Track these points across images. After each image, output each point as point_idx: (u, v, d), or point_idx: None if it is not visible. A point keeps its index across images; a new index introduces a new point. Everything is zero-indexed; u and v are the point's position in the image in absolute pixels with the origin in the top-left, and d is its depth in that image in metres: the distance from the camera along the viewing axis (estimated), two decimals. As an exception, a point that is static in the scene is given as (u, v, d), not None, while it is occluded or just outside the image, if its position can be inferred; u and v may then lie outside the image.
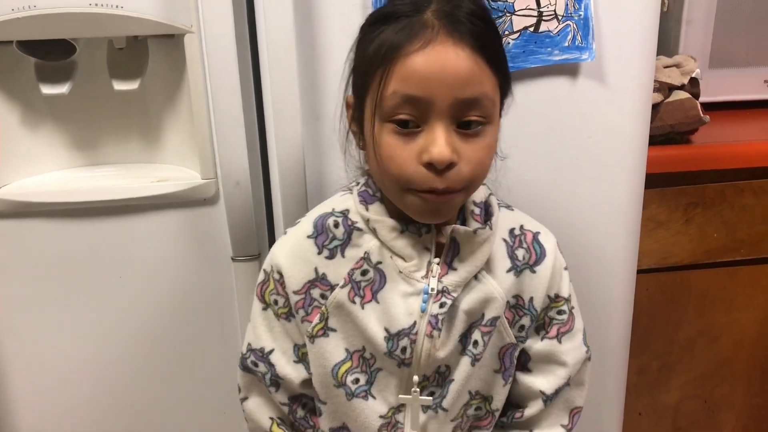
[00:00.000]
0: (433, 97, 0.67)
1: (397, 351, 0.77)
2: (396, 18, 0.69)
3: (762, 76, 1.46)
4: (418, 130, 0.69)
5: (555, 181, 1.03)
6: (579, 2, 0.94)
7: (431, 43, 0.67)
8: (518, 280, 0.81)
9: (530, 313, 0.83)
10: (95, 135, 1.04)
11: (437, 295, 0.76)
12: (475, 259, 0.78)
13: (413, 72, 0.67)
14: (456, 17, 0.68)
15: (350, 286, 0.77)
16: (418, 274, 0.77)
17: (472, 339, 0.79)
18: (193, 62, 0.93)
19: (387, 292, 0.77)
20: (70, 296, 1.04)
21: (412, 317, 0.76)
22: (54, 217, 1.00)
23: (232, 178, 0.96)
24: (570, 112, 1.00)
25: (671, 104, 1.25)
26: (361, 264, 0.77)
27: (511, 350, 0.83)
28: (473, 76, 0.68)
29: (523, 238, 0.83)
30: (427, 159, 0.68)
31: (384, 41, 0.69)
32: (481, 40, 0.69)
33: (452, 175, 0.69)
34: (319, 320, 0.79)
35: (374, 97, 0.70)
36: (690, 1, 1.39)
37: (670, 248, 1.31)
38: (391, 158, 0.70)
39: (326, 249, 0.78)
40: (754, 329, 1.40)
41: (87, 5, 0.89)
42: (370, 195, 0.79)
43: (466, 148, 0.69)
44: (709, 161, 1.27)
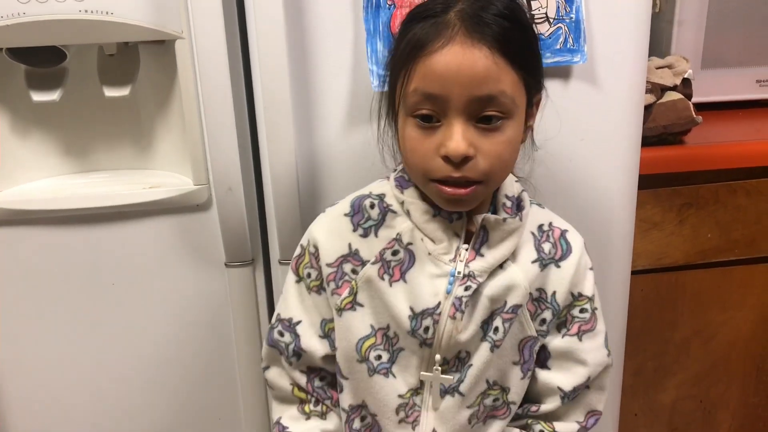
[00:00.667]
0: (450, 94, 0.71)
1: (420, 330, 0.80)
2: (425, 17, 0.73)
3: (754, 76, 1.46)
4: (438, 125, 0.73)
5: (547, 183, 1.03)
6: (570, 5, 0.94)
7: (450, 43, 0.71)
8: (543, 273, 0.84)
9: (552, 307, 0.85)
10: (87, 142, 1.04)
11: (463, 279, 0.79)
12: (502, 247, 0.81)
13: (432, 71, 0.71)
14: (480, 17, 0.71)
15: (380, 263, 0.81)
16: (446, 257, 0.80)
17: (493, 325, 0.81)
18: (184, 68, 0.93)
19: (415, 272, 0.80)
20: (63, 302, 1.04)
21: (437, 298, 0.79)
22: (46, 225, 1.00)
23: (225, 184, 0.97)
24: (562, 115, 0.99)
25: (664, 105, 1.25)
26: (393, 244, 0.81)
27: (531, 343, 0.84)
28: (489, 74, 0.71)
29: (551, 233, 0.86)
30: (444, 152, 0.72)
31: (411, 39, 0.74)
32: (502, 40, 0.71)
33: (469, 167, 0.73)
34: (349, 294, 0.82)
35: (400, 93, 0.75)
36: (682, 2, 1.39)
37: (664, 249, 1.31)
38: (414, 150, 0.75)
39: (361, 227, 0.83)
40: (749, 329, 1.40)
41: (77, 12, 0.88)
42: (406, 180, 0.83)
43: (484, 142, 0.73)
44: (703, 162, 1.27)
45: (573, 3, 0.94)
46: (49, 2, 0.88)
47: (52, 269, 1.02)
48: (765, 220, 1.31)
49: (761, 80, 1.46)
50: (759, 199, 1.30)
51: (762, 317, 1.39)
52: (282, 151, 0.93)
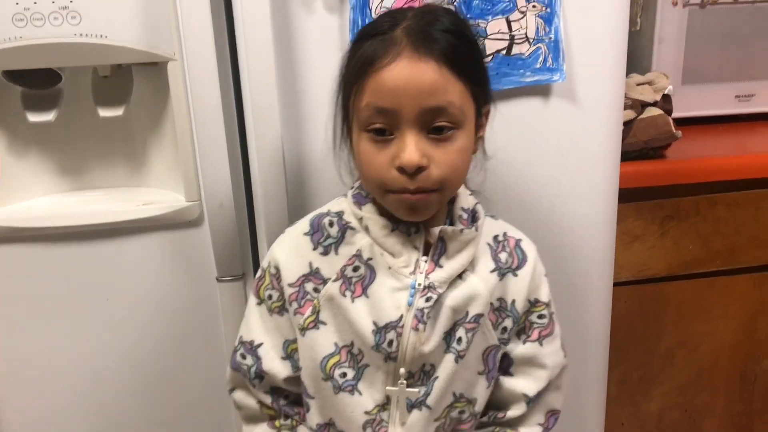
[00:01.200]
0: (401, 107, 0.73)
1: (384, 344, 0.80)
2: (373, 35, 0.76)
3: (733, 92, 1.49)
4: (392, 138, 0.75)
5: (530, 198, 1.06)
6: (549, 25, 0.98)
7: (398, 58, 0.73)
8: (502, 282, 0.86)
9: (512, 315, 0.86)
10: (81, 160, 1.06)
11: (423, 290, 0.80)
12: (460, 258, 0.82)
13: (381, 86, 0.74)
14: (426, 33, 0.74)
15: (342, 280, 0.82)
16: (406, 270, 0.81)
17: (456, 336, 0.82)
18: (177, 89, 0.96)
19: (376, 286, 0.81)
20: (57, 319, 1.05)
21: (399, 311, 0.80)
22: (42, 242, 1.01)
23: (216, 200, 0.99)
24: (543, 131, 1.03)
25: (644, 121, 1.28)
26: (354, 261, 0.82)
27: (494, 352, 0.86)
28: (437, 86, 0.73)
29: (506, 243, 0.88)
30: (398, 164, 0.74)
31: (360, 56, 0.76)
32: (449, 54, 0.74)
33: (423, 177, 0.75)
34: (311, 313, 0.82)
35: (353, 108, 0.78)
36: (662, 20, 1.43)
37: (647, 261, 1.34)
38: (369, 163, 0.77)
39: (321, 246, 0.84)
40: (732, 338, 1.42)
41: (72, 35, 0.91)
42: (363, 197, 0.84)
43: (436, 152, 0.75)
44: (683, 176, 1.30)
45: (552, 24, 0.98)
46: (45, 26, 0.90)
47: (47, 285, 1.04)
48: (744, 231, 1.35)
49: (740, 95, 1.50)
50: (738, 212, 1.33)
51: (744, 326, 1.42)
52: (271, 167, 0.96)
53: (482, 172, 0.89)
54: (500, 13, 0.96)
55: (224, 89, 0.95)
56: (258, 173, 0.97)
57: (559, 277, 1.10)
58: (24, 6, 0.89)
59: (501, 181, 1.04)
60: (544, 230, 1.08)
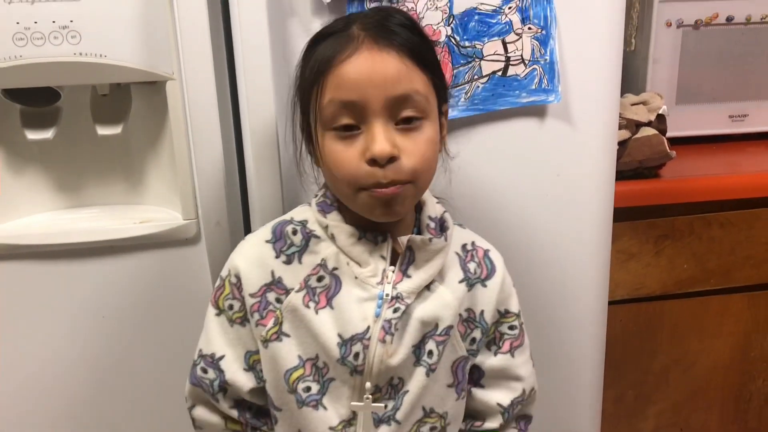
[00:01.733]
0: (367, 98, 0.72)
1: (350, 357, 0.78)
2: (327, 36, 0.77)
3: (726, 112, 1.51)
4: (359, 132, 0.74)
5: (525, 217, 1.06)
6: (545, 47, 0.99)
7: (358, 51, 0.73)
8: (471, 293, 0.85)
9: (481, 326, 0.86)
10: (79, 178, 1.06)
11: (391, 301, 0.79)
12: (429, 268, 0.81)
13: (344, 79, 0.73)
14: (384, 27, 0.75)
15: (305, 291, 0.80)
16: (373, 279, 0.79)
17: (426, 349, 0.81)
18: (175, 107, 0.96)
19: (342, 297, 0.79)
20: (53, 336, 1.05)
21: (366, 322, 0.78)
22: (38, 259, 1.01)
23: (213, 219, 0.99)
24: (538, 151, 1.04)
25: (639, 140, 1.29)
26: (318, 270, 0.80)
27: (463, 363, 0.85)
28: (401, 75, 0.73)
29: (474, 253, 0.87)
30: (370, 156, 0.73)
31: (317, 57, 0.76)
32: (408, 45, 0.75)
33: (395, 168, 0.74)
34: (273, 324, 0.80)
35: (315, 109, 0.76)
36: (656, 41, 1.44)
37: (642, 279, 1.35)
38: (338, 162, 0.75)
39: (284, 254, 0.81)
40: (727, 357, 1.43)
41: (72, 54, 0.92)
42: (328, 204, 0.82)
43: (406, 143, 0.74)
44: (677, 195, 1.31)
45: (547, 45, 0.99)
46: (45, 45, 0.91)
47: (43, 302, 1.03)
48: (739, 251, 1.36)
49: (734, 115, 1.51)
50: (732, 231, 1.34)
51: (738, 346, 1.42)
52: (268, 186, 0.96)
53: (446, 174, 0.87)
54: (496, 35, 0.98)
55: (222, 108, 0.96)
56: (255, 192, 0.97)
57: (554, 295, 1.11)
58: (25, 25, 0.90)
59: (496, 199, 1.05)
60: (539, 248, 1.09)
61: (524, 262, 1.08)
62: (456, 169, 0.98)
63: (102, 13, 0.91)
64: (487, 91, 0.99)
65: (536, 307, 1.10)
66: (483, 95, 0.99)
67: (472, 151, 1.02)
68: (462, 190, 1.02)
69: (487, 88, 0.99)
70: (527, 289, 1.08)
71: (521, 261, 1.08)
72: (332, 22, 0.78)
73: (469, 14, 0.96)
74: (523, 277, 1.08)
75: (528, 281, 1.09)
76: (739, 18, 1.44)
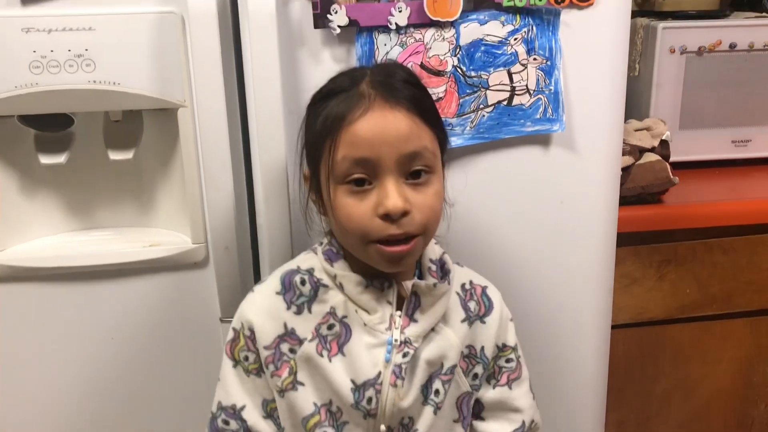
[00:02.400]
0: (380, 155, 0.75)
1: (363, 402, 0.80)
2: (336, 93, 0.78)
3: (729, 137, 1.52)
4: (371, 187, 0.76)
5: (529, 243, 1.08)
6: (549, 78, 1.01)
7: (370, 110, 0.75)
8: (471, 330, 0.87)
9: (482, 362, 0.88)
10: (91, 201, 1.08)
11: (400, 346, 0.81)
12: (434, 312, 0.84)
13: (358, 137, 0.75)
14: (390, 84, 0.77)
15: (318, 339, 0.81)
16: (381, 326, 0.82)
17: (433, 388, 0.84)
18: (186, 134, 0.98)
19: (353, 344, 0.81)
20: (64, 358, 1.06)
21: (377, 368, 0.81)
22: (49, 281, 1.03)
23: (222, 243, 1.00)
24: (543, 179, 1.05)
25: (642, 166, 1.31)
26: (328, 318, 0.82)
27: (467, 398, 0.88)
28: (412, 133, 0.76)
29: (473, 291, 0.90)
30: (383, 211, 0.75)
31: (328, 114, 0.77)
32: (416, 102, 0.77)
33: (407, 222, 0.76)
34: (288, 374, 0.82)
35: (327, 165, 0.78)
36: (659, 66, 1.46)
37: (645, 304, 1.36)
38: (350, 216, 0.77)
39: (294, 305, 0.83)
40: (729, 382, 1.43)
41: (86, 82, 0.94)
42: (335, 253, 0.84)
43: (416, 197, 0.77)
44: (680, 220, 1.32)
45: (552, 76, 1.00)
46: (60, 73, 0.93)
47: (53, 324, 1.05)
48: (741, 276, 1.36)
49: (736, 140, 1.52)
50: (735, 257, 1.35)
51: (741, 370, 1.43)
52: (276, 210, 0.98)
53: (444, 220, 0.88)
54: (502, 66, 0.99)
55: (233, 135, 0.98)
56: (263, 217, 0.99)
57: (558, 319, 1.12)
58: (41, 54, 0.92)
59: (501, 225, 1.06)
60: (543, 274, 1.10)
61: (528, 288, 1.10)
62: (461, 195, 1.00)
63: (116, 42, 0.93)
64: (492, 120, 1.01)
65: (539, 332, 1.11)
66: (488, 124, 1.01)
67: (478, 179, 1.04)
68: (467, 217, 1.04)
69: (493, 117, 1.01)
70: (531, 315, 1.10)
71: (525, 287, 1.10)
72: (337, 78, 0.81)
73: (475, 45, 0.98)
74: (527, 302, 1.10)
75: (532, 307, 1.11)
76: (742, 45, 1.45)
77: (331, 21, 0.94)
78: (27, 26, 0.91)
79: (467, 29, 0.97)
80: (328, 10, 0.93)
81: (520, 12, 0.98)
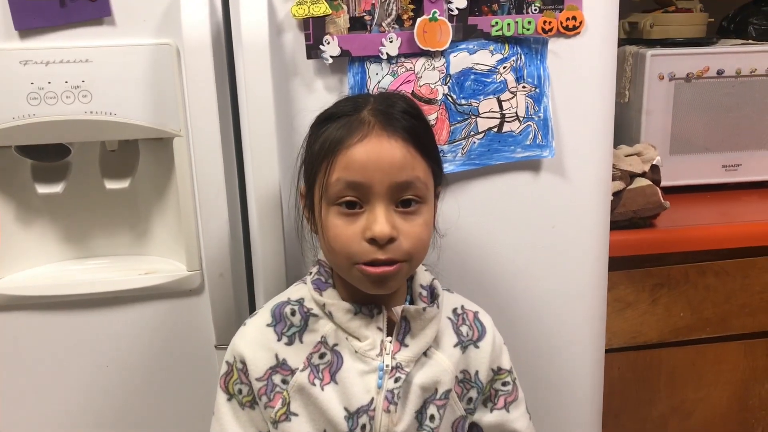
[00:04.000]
0: (372, 181, 0.77)
1: (357, 429, 0.81)
2: (338, 117, 0.81)
3: (720, 162, 1.54)
4: (361, 211, 0.78)
5: (521, 268, 1.09)
6: (538, 105, 1.02)
7: (368, 137, 0.78)
8: (464, 355, 0.88)
9: (477, 386, 0.89)
10: (87, 229, 1.09)
11: (392, 371, 0.82)
12: (425, 336, 0.84)
13: (353, 161, 0.77)
14: (390, 114, 0.79)
15: (309, 369, 0.82)
16: (372, 352, 0.82)
17: (428, 414, 0.84)
18: (181, 163, 0.99)
19: (344, 372, 0.82)
20: (59, 385, 1.06)
21: (369, 394, 0.81)
22: (44, 310, 1.03)
23: (217, 270, 1.01)
24: (534, 204, 1.06)
25: (633, 191, 1.32)
26: (319, 348, 0.83)
27: (462, 422, 0.88)
28: (406, 162, 0.78)
29: (465, 316, 0.91)
30: (370, 235, 0.77)
31: (328, 137, 0.80)
32: (413, 133, 0.79)
33: (393, 248, 0.78)
34: (282, 405, 0.83)
35: (321, 185, 0.80)
36: (649, 93, 1.48)
37: (638, 327, 1.36)
38: (338, 237, 0.79)
39: (285, 336, 0.84)
40: (725, 405, 1.43)
41: (83, 113, 0.95)
42: (323, 282, 0.86)
43: (404, 225, 0.79)
44: (672, 244, 1.33)
45: (541, 103, 1.02)
46: (57, 104, 0.94)
47: (48, 352, 1.05)
48: (734, 299, 1.37)
49: (727, 165, 1.54)
50: (727, 280, 1.36)
51: (736, 394, 1.43)
52: (271, 238, 0.98)
53: (435, 250, 0.91)
54: (492, 93, 1.01)
55: (227, 163, 0.99)
56: (258, 244, 1.00)
57: (551, 345, 1.13)
58: (39, 86, 0.94)
59: (492, 250, 1.07)
60: (536, 299, 1.11)
61: (520, 312, 1.10)
62: (453, 221, 1.01)
63: (112, 73, 0.95)
64: (483, 147, 1.02)
65: (533, 357, 1.12)
66: (479, 150, 1.02)
67: (469, 204, 1.05)
68: (459, 242, 1.05)
69: (483, 143, 1.02)
70: (523, 340, 1.10)
71: (517, 312, 1.10)
72: (341, 103, 0.83)
73: (465, 74, 1.00)
74: (519, 327, 1.11)
75: (524, 332, 1.11)
76: (729, 71, 1.48)
77: (323, 51, 0.96)
78: (25, 59, 0.93)
79: (457, 58, 0.99)
80: (321, 41, 0.95)
81: (509, 41, 1.00)
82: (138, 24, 0.95)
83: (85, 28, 0.94)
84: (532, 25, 0.99)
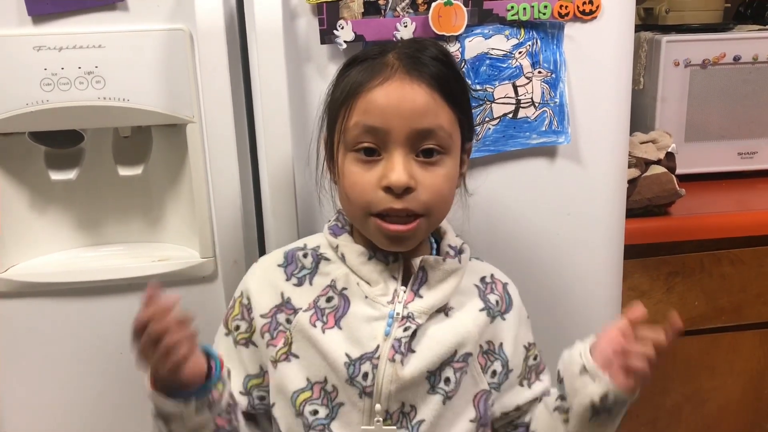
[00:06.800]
0: (391, 127, 0.74)
1: (359, 377, 0.77)
2: (362, 60, 0.79)
3: (735, 149, 1.52)
4: (379, 158, 0.76)
5: (537, 255, 1.08)
6: (554, 90, 1.01)
7: (390, 80, 0.75)
8: (492, 325, 0.85)
9: (501, 358, 0.86)
10: (100, 216, 1.09)
11: (402, 320, 0.79)
12: (442, 289, 0.82)
13: (372, 105, 0.75)
14: (417, 58, 0.76)
15: (313, 311, 0.80)
16: (383, 298, 0.80)
17: (443, 376, 0.80)
18: (195, 149, 0.99)
19: (350, 317, 0.80)
20: (73, 372, 1.07)
21: (375, 341, 0.78)
22: (59, 297, 1.04)
23: (230, 258, 1.01)
24: (549, 191, 1.06)
25: (648, 179, 1.31)
26: (327, 291, 0.81)
27: (485, 396, 0.84)
28: (429, 109, 0.75)
29: (494, 285, 0.88)
30: (386, 183, 0.74)
31: (349, 80, 0.78)
32: (439, 79, 0.76)
33: (410, 198, 0.75)
34: (283, 345, 0.81)
35: (340, 129, 0.78)
36: (664, 80, 1.46)
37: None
38: (354, 184, 0.77)
39: (295, 277, 0.83)
40: (739, 394, 1.42)
41: (96, 99, 0.95)
42: (339, 228, 0.85)
43: (424, 176, 0.76)
44: (687, 232, 1.32)
45: (557, 89, 1.01)
46: (71, 90, 0.94)
47: (63, 339, 1.05)
48: (749, 288, 1.36)
49: (742, 152, 1.53)
50: (743, 268, 1.35)
51: (751, 383, 1.42)
52: (285, 225, 0.98)
53: (464, 210, 0.88)
54: (507, 79, 1.00)
55: (241, 150, 0.98)
56: (272, 232, 1.00)
57: (566, 332, 1.11)
58: (52, 72, 0.93)
59: (508, 237, 1.07)
60: (551, 286, 1.10)
61: (536, 299, 1.09)
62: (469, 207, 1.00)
63: (125, 59, 0.95)
64: (498, 133, 1.01)
65: (548, 344, 1.11)
66: (494, 137, 1.01)
67: (484, 191, 1.04)
68: (474, 229, 1.04)
69: (498, 129, 1.01)
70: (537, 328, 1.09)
71: (533, 299, 1.08)
72: (367, 48, 0.81)
73: (480, 59, 0.99)
74: (533, 315, 1.09)
75: (539, 319, 1.10)
76: (746, 57, 1.46)
77: (337, 36, 0.95)
78: (38, 44, 0.93)
79: (472, 43, 0.98)
80: (335, 26, 0.95)
81: (524, 26, 0.99)
82: (151, 9, 0.95)
83: (99, 14, 0.94)
84: (548, 10, 0.98)
